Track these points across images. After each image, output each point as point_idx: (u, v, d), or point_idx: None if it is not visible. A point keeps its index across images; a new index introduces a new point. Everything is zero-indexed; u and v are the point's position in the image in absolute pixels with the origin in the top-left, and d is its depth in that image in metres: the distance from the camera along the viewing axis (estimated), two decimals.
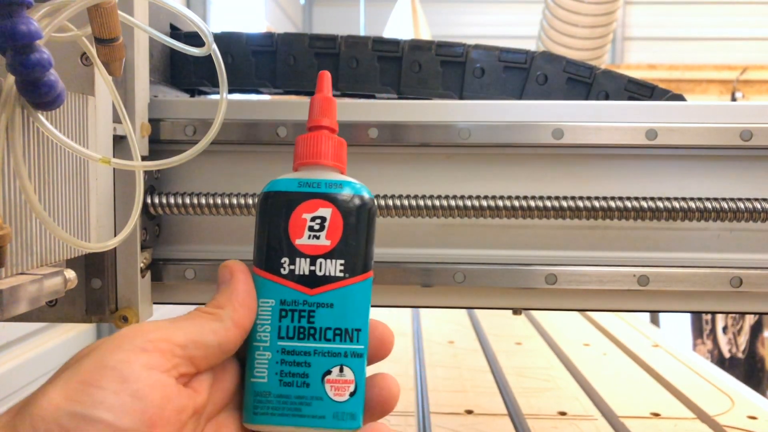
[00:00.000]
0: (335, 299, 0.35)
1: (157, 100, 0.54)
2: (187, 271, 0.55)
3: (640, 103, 0.55)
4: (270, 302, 0.35)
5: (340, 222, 0.35)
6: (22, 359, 1.38)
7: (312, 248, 0.35)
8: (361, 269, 0.35)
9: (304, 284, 0.34)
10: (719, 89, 4.57)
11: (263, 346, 0.34)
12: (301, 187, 0.35)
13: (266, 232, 0.35)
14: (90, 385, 0.28)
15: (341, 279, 0.35)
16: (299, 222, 0.35)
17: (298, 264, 0.35)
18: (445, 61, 0.60)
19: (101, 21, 0.40)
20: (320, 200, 0.35)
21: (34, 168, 0.38)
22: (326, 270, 0.35)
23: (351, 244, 0.35)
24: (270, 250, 0.35)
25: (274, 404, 0.34)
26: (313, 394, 0.34)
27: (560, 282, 0.55)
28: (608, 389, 1.03)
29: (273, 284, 0.35)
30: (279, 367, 0.34)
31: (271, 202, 0.35)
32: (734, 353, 2.65)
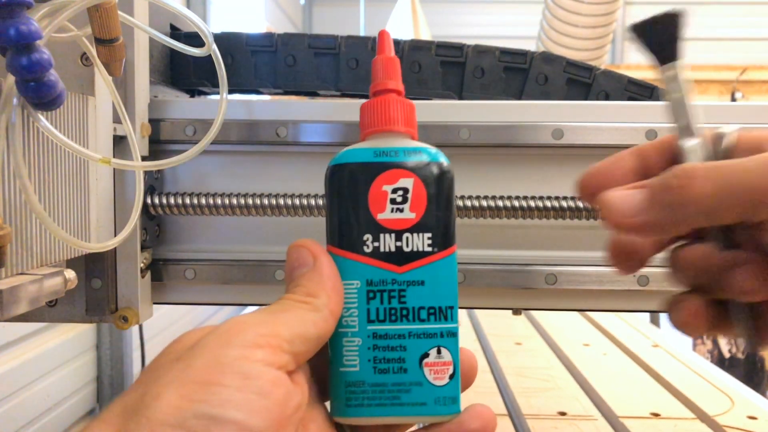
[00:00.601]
0: (426, 276, 0.32)
1: (157, 101, 0.54)
2: (187, 271, 0.55)
3: (640, 103, 0.55)
4: (355, 284, 0.32)
5: (424, 192, 0.33)
6: (22, 359, 1.38)
7: (396, 222, 0.32)
8: (447, 242, 0.33)
9: (392, 262, 0.32)
10: (719, 89, 4.57)
11: (351, 332, 0.32)
12: (378, 156, 0.33)
13: (343, 207, 0.33)
14: (212, 384, 0.26)
15: (430, 254, 0.32)
16: (380, 195, 0.32)
17: (383, 240, 0.32)
18: (445, 61, 0.60)
19: (101, 21, 0.40)
20: (401, 170, 0.33)
21: (34, 168, 0.38)
22: (414, 245, 0.32)
23: (437, 216, 0.33)
24: (349, 227, 0.32)
25: (370, 394, 0.31)
26: (411, 379, 0.31)
27: (560, 282, 0.55)
28: (608, 389, 1.03)
29: (357, 264, 0.32)
30: (372, 354, 0.31)
31: (346, 175, 0.33)
32: (734, 353, 2.65)
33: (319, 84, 0.62)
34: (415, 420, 0.32)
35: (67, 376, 1.57)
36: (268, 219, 0.57)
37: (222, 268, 0.55)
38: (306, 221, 0.57)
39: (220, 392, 0.25)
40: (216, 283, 0.56)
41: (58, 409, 1.53)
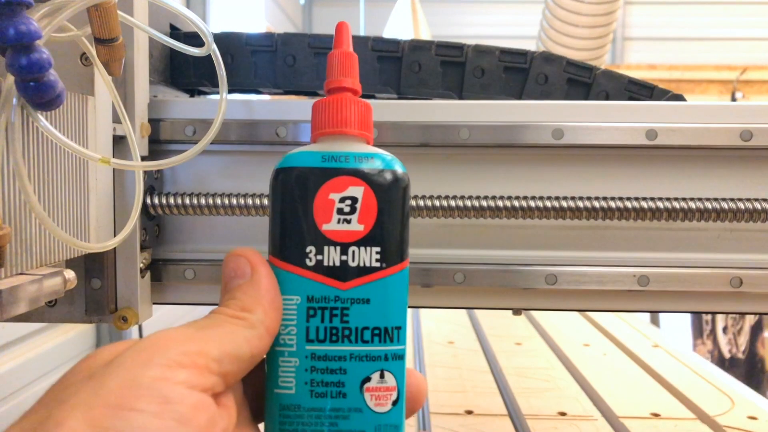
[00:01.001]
0: (372, 293, 0.30)
1: (157, 100, 0.54)
2: (187, 271, 0.55)
3: (640, 103, 0.55)
4: (294, 299, 0.30)
5: (374, 202, 0.30)
6: (22, 359, 1.38)
7: (342, 234, 0.30)
8: (398, 257, 0.30)
9: (335, 277, 0.29)
10: (719, 89, 4.56)
11: (288, 351, 0.29)
12: (326, 161, 0.30)
13: (286, 215, 0.30)
14: (123, 409, 0.23)
15: (378, 269, 0.30)
16: (326, 203, 0.30)
17: (327, 253, 0.29)
18: (445, 61, 0.60)
19: (101, 21, 0.40)
20: (350, 177, 0.30)
21: (34, 168, 0.38)
22: (360, 260, 0.30)
23: (387, 228, 0.30)
24: (292, 238, 0.30)
25: (305, 419, 0.29)
26: (351, 405, 0.29)
27: (560, 282, 0.55)
28: (608, 389, 1.03)
29: (297, 278, 0.30)
30: (309, 376, 0.29)
31: (291, 180, 0.30)
32: (734, 353, 2.65)
33: (319, 84, 0.61)
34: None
35: None
36: (268, 219, 0.57)
37: (222, 269, 0.55)
38: None
39: (134, 418, 0.23)
40: (216, 283, 0.56)
41: None
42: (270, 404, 0.30)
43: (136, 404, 0.23)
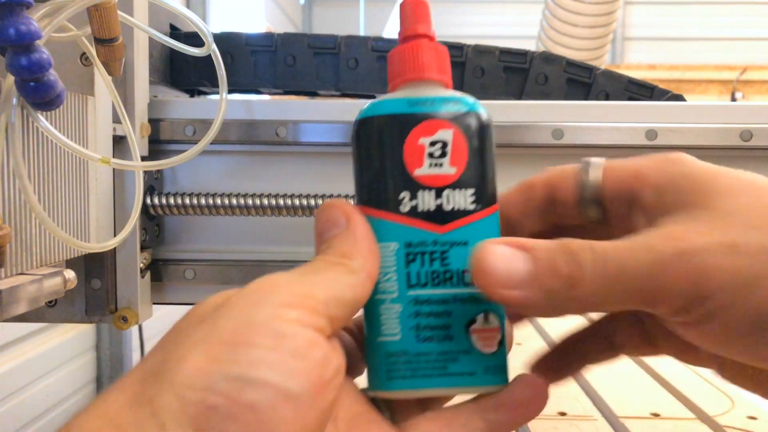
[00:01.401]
0: (470, 235, 0.29)
1: (157, 101, 0.54)
2: (187, 271, 0.55)
3: (640, 103, 0.55)
4: (391, 246, 0.29)
5: (464, 145, 0.30)
6: (22, 359, 1.38)
7: (435, 179, 0.29)
8: (491, 199, 0.30)
9: (432, 221, 0.29)
10: (719, 89, 4.57)
11: (390, 298, 0.29)
12: (413, 106, 0.30)
13: (374, 164, 0.30)
14: (242, 344, 0.23)
15: (473, 212, 0.29)
16: (416, 149, 0.29)
17: (422, 198, 0.29)
18: None
19: (101, 21, 0.40)
20: (438, 120, 0.30)
21: (34, 168, 0.38)
22: (455, 203, 0.29)
23: (479, 170, 0.30)
24: (383, 185, 0.30)
25: (414, 364, 0.29)
26: (458, 347, 0.29)
27: None
28: (608, 390, 1.03)
29: (392, 225, 0.29)
30: (414, 321, 0.29)
31: (377, 129, 0.30)
32: None
33: (318, 84, 0.62)
34: (462, 391, 0.29)
35: (66, 377, 1.57)
36: (268, 219, 0.57)
37: (222, 268, 0.55)
38: (306, 221, 0.57)
39: (252, 352, 0.23)
40: (216, 283, 0.56)
41: (58, 409, 1.53)
42: (374, 354, 0.30)
43: (252, 340, 0.23)
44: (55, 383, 1.50)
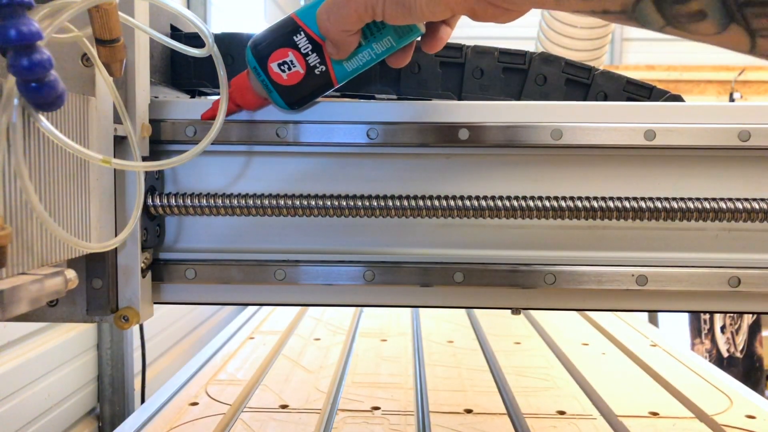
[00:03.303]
0: None
1: (158, 101, 0.54)
2: (188, 271, 0.55)
3: (638, 103, 0.55)
4: None
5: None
6: (22, 359, 1.38)
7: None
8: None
9: None
10: (717, 90, 4.57)
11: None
12: None
13: None
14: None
15: None
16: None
17: None
18: (445, 62, 0.60)
19: (102, 22, 0.40)
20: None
21: (35, 168, 0.39)
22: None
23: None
24: None
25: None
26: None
27: (559, 282, 0.55)
28: (607, 388, 1.03)
29: None
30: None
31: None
32: (732, 353, 2.66)
33: None
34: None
35: (67, 376, 1.57)
36: (268, 219, 0.57)
37: (222, 268, 0.56)
38: (306, 221, 0.57)
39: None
40: (216, 283, 0.56)
41: (59, 409, 1.53)
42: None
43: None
44: (56, 383, 1.50)
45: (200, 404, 0.96)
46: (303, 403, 0.96)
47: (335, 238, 0.57)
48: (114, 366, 1.71)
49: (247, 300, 0.59)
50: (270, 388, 1.03)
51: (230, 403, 0.96)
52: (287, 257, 0.57)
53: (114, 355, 1.71)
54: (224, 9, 2.95)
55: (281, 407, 0.95)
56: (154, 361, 2.01)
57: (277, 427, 0.88)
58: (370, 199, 0.52)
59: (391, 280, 0.55)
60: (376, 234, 0.57)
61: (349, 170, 0.57)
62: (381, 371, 1.12)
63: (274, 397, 0.99)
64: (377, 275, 0.55)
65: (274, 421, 0.90)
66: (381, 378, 1.09)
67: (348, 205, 0.52)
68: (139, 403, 1.70)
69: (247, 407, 0.95)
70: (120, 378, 1.72)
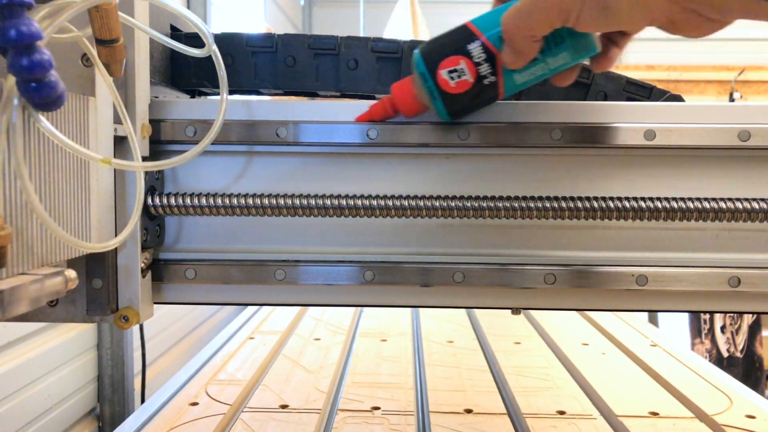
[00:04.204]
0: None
1: (158, 101, 0.54)
2: (188, 271, 0.55)
3: (638, 103, 0.55)
4: None
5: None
6: (23, 359, 1.38)
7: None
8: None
9: None
10: (717, 90, 4.56)
11: None
12: None
13: None
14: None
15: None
16: None
17: None
18: None
19: (102, 22, 0.41)
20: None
21: (35, 168, 0.39)
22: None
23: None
24: None
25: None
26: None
27: (559, 282, 0.55)
28: (607, 388, 1.03)
29: None
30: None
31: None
32: (732, 352, 2.66)
33: (318, 85, 0.62)
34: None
35: (67, 376, 1.57)
36: (268, 219, 0.57)
37: (222, 268, 0.56)
38: (306, 221, 0.57)
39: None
40: (216, 282, 0.56)
41: (59, 409, 1.53)
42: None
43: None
44: (56, 383, 1.50)
45: (200, 404, 0.96)
46: (303, 403, 0.96)
47: (335, 238, 0.57)
48: (114, 366, 1.71)
49: (247, 300, 0.59)
50: (270, 388, 1.03)
51: (230, 403, 0.96)
52: (287, 257, 0.57)
53: (114, 355, 1.71)
54: (224, 9, 2.95)
55: (281, 407, 0.95)
56: (154, 361, 2.01)
57: (277, 427, 0.88)
58: (370, 199, 0.52)
59: (391, 280, 0.55)
60: (376, 234, 0.57)
61: (349, 170, 0.57)
62: (381, 371, 1.12)
63: (274, 397, 0.99)
64: (377, 275, 0.55)
65: (274, 421, 0.90)
66: (381, 378, 1.09)
67: (348, 205, 0.52)
68: (139, 403, 1.70)
69: (247, 407, 0.95)
70: (120, 378, 1.72)
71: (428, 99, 0.50)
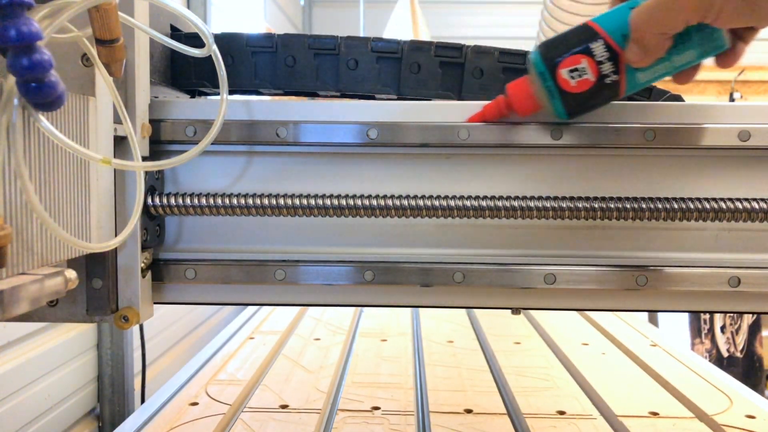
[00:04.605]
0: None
1: (158, 101, 0.54)
2: (188, 271, 0.55)
3: (638, 103, 0.55)
4: None
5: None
6: (23, 359, 1.38)
7: None
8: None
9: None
10: (717, 89, 4.56)
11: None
12: None
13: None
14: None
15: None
16: None
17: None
18: (444, 62, 0.61)
19: (102, 22, 0.41)
20: None
21: (35, 168, 0.39)
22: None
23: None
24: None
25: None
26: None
27: (559, 282, 0.55)
28: (607, 388, 1.03)
29: None
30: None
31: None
32: (732, 352, 2.66)
33: (318, 85, 0.62)
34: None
35: (67, 376, 1.57)
36: (268, 219, 0.57)
37: (222, 268, 0.56)
38: (307, 221, 0.57)
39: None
40: (216, 282, 0.56)
41: (59, 409, 1.53)
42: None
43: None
44: (56, 383, 1.50)
45: (200, 404, 0.96)
46: (303, 403, 0.97)
47: (336, 238, 0.57)
48: (114, 366, 1.71)
49: (247, 300, 0.59)
50: (270, 388, 1.03)
51: (230, 403, 0.96)
52: (287, 257, 0.57)
53: (114, 355, 1.71)
54: (224, 9, 2.95)
55: (281, 407, 0.95)
56: (154, 361, 2.01)
57: (277, 427, 0.88)
58: (370, 199, 0.52)
59: (391, 280, 0.55)
60: (376, 234, 0.57)
61: (349, 170, 0.57)
62: (381, 371, 1.12)
63: (274, 397, 0.99)
64: (377, 275, 0.55)
65: (274, 421, 0.90)
66: (381, 378, 1.09)
67: (348, 205, 0.52)
68: (139, 403, 1.70)
69: (247, 407, 0.95)
70: (120, 378, 1.72)
71: (546, 98, 0.50)
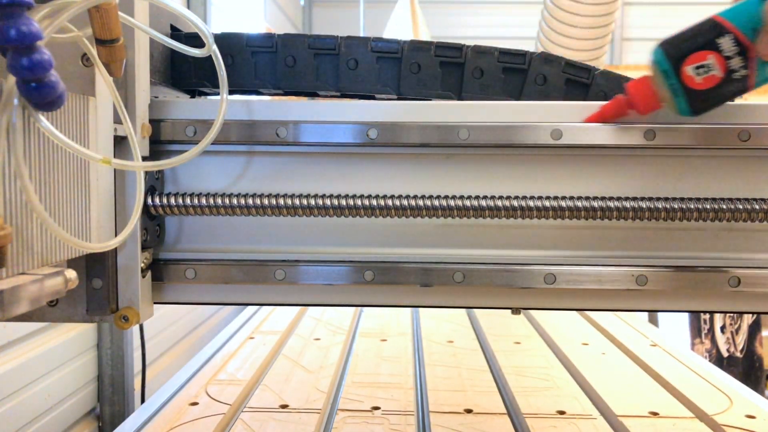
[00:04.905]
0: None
1: (158, 101, 0.54)
2: (188, 271, 0.55)
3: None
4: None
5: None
6: (23, 359, 1.38)
7: None
8: None
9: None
10: None
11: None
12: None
13: None
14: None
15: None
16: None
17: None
18: (445, 62, 0.61)
19: (102, 22, 0.41)
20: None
21: (35, 168, 0.39)
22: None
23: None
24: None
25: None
26: None
27: (559, 282, 0.55)
28: (607, 388, 1.03)
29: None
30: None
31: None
32: (732, 352, 2.66)
33: (318, 84, 0.62)
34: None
35: (67, 376, 1.57)
36: (268, 219, 0.57)
37: (222, 268, 0.56)
38: (307, 221, 0.57)
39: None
40: (216, 282, 0.56)
41: (59, 409, 1.53)
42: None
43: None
44: (56, 383, 1.50)
45: (200, 404, 0.96)
46: (303, 403, 0.96)
47: (335, 238, 0.57)
48: (114, 366, 1.71)
49: (247, 300, 0.59)
50: (270, 388, 1.03)
51: (230, 403, 0.96)
52: (287, 257, 0.57)
53: (114, 355, 1.71)
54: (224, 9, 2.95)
55: (281, 407, 0.95)
56: (154, 361, 2.01)
57: (277, 427, 0.88)
58: (370, 199, 0.53)
59: (391, 280, 0.55)
60: (376, 234, 0.57)
61: (349, 170, 0.57)
62: (381, 371, 1.12)
63: (274, 397, 0.99)
64: (377, 275, 0.55)
65: (274, 421, 0.90)
66: (381, 378, 1.09)
67: (348, 205, 0.52)
68: (139, 403, 1.70)
69: (247, 407, 0.95)
70: (120, 378, 1.72)
71: (669, 96, 0.49)
